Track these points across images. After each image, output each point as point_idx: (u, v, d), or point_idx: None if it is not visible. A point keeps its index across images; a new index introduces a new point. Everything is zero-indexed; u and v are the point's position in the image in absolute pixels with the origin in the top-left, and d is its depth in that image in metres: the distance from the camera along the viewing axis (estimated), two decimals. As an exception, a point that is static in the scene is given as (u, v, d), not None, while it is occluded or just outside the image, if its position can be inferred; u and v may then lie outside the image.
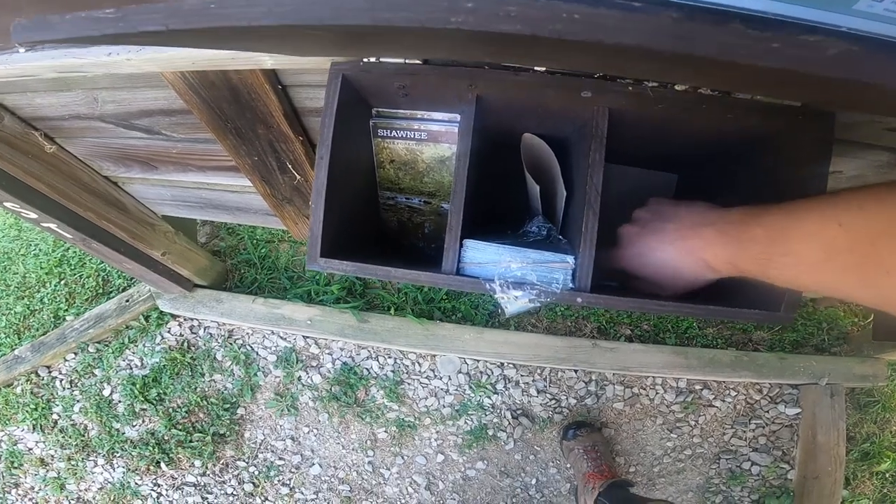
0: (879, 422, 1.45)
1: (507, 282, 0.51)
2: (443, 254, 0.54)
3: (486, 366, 1.47)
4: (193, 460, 1.51)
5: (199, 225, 1.61)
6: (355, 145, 0.67)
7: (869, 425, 1.44)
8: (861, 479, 1.42)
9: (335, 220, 0.58)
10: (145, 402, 1.53)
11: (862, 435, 1.44)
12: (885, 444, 1.43)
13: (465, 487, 1.44)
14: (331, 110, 0.55)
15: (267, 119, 0.76)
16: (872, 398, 1.45)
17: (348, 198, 0.64)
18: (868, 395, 1.45)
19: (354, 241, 0.66)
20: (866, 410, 1.44)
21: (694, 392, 1.44)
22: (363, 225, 0.73)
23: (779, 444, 1.42)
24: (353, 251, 0.59)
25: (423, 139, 0.65)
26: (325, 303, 1.48)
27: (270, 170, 0.89)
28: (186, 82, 0.70)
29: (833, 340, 1.47)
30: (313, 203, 0.55)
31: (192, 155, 0.95)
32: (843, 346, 1.46)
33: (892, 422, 1.45)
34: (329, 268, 0.56)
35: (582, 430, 1.37)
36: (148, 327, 1.57)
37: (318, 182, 0.55)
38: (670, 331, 1.47)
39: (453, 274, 0.55)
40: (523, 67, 0.52)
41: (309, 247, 0.55)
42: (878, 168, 0.72)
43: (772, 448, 1.42)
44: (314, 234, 0.55)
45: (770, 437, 1.42)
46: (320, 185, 0.55)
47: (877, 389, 1.44)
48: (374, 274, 0.54)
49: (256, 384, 1.53)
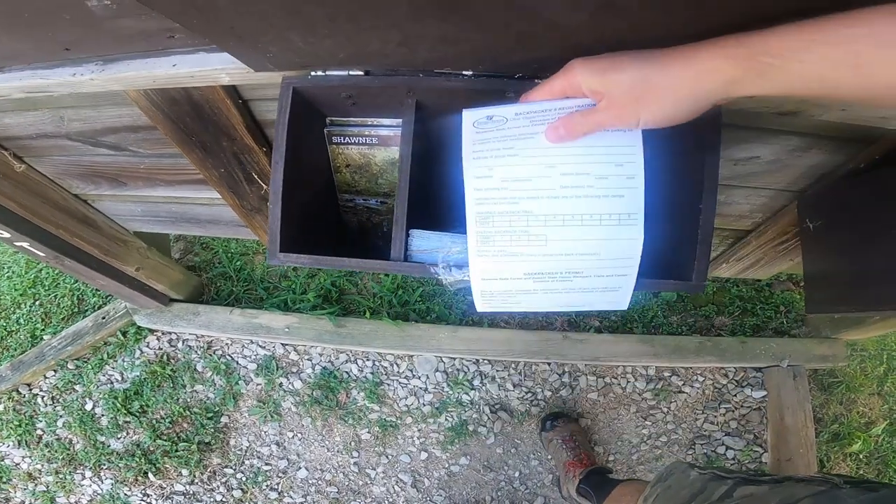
0: (845, 402, 1.50)
1: (448, 264, 0.55)
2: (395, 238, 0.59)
3: (462, 363, 1.51)
4: (181, 469, 1.52)
5: (173, 241, 1.63)
6: (312, 152, 0.71)
7: (835, 406, 1.50)
8: (835, 461, 1.46)
9: (293, 220, 0.62)
10: (128, 415, 1.54)
11: (830, 416, 1.49)
12: (853, 425, 1.48)
13: (451, 483, 1.48)
14: (283, 119, 0.59)
15: (230, 132, 0.79)
16: (836, 378, 1.51)
17: (307, 200, 0.68)
18: (831, 376, 1.51)
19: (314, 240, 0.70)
20: (831, 391, 1.50)
21: (663, 379, 1.49)
22: (324, 225, 0.77)
23: (749, 428, 1.47)
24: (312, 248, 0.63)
25: (374, 143, 0.70)
26: (301, 310, 1.51)
27: (238, 181, 0.92)
28: (149, 99, 0.73)
29: (791, 323, 1.54)
30: (271, 203, 0.59)
31: (159, 170, 0.97)
32: (802, 328, 1.53)
33: (857, 402, 1.50)
34: (288, 261, 0.60)
35: (559, 421, 1.41)
36: (126, 342, 1.58)
37: (274, 184, 0.59)
38: (637, 320, 1.53)
39: (401, 260, 0.59)
40: (454, 73, 0.57)
41: (269, 243, 0.59)
42: (792, 151, 0.78)
43: (743, 431, 1.47)
44: (273, 231, 0.59)
45: (740, 421, 1.48)
46: (277, 187, 0.59)
47: (838, 370, 1.50)
48: (329, 264, 0.58)
49: (238, 392, 1.55)
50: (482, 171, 0.52)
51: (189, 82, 0.63)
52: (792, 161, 0.81)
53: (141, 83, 0.64)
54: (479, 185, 0.52)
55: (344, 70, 0.58)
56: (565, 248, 0.52)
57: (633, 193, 0.51)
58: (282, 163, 0.58)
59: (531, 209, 0.51)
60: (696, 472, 0.68)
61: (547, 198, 0.51)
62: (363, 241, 0.84)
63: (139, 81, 0.63)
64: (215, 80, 0.64)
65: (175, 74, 0.59)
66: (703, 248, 0.59)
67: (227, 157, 0.86)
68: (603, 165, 0.50)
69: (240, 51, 0.51)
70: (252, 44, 0.49)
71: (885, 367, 1.52)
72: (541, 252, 0.52)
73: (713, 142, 0.58)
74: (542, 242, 0.52)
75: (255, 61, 0.54)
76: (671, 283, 0.59)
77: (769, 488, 0.55)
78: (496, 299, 0.56)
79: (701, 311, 1.55)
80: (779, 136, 0.76)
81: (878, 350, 1.54)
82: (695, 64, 0.39)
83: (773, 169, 0.84)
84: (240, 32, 0.46)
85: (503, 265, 0.53)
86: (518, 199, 0.52)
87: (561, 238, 0.52)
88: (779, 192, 0.91)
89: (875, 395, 1.52)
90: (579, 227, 0.51)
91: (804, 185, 0.87)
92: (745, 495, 0.57)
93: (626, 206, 0.51)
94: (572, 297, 0.56)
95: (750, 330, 1.52)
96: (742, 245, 1.08)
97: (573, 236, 0.52)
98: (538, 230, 0.52)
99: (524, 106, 0.52)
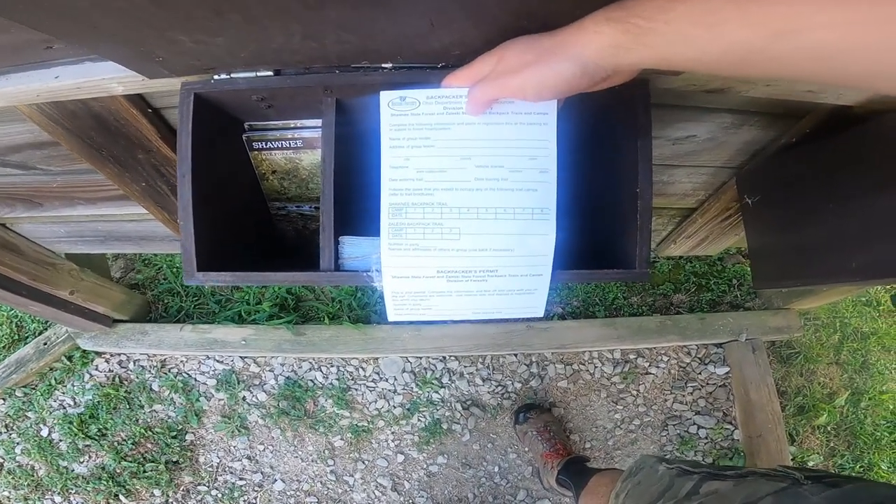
0: (805, 374, 1.54)
1: (381, 269, 0.52)
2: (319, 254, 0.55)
3: (428, 361, 1.49)
4: (152, 490, 1.47)
5: (111, 259, 1.55)
6: (231, 160, 0.66)
7: (796, 378, 1.54)
8: (804, 434, 1.49)
9: (211, 235, 0.58)
10: (87, 439, 1.48)
11: (792, 388, 1.52)
12: (816, 397, 1.51)
13: (431, 483, 1.46)
14: (186, 128, 0.54)
15: (144, 143, 0.74)
16: (793, 350, 1.54)
17: (227, 212, 0.64)
18: (788, 347, 1.54)
19: (240, 255, 0.65)
20: (790, 363, 1.53)
21: (629, 362, 1.50)
22: (254, 238, 0.73)
23: (718, 405, 1.49)
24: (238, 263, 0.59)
25: (299, 147, 0.66)
26: (257, 321, 1.46)
27: (162, 194, 0.87)
28: (45, 114, 0.67)
29: (745, 296, 1.57)
30: (181, 220, 0.54)
31: (75, 187, 0.91)
32: (756, 301, 1.56)
33: (817, 373, 1.54)
34: (209, 280, 0.56)
35: (532, 413, 1.41)
36: (73, 367, 1.50)
37: (183, 200, 0.54)
38: (598, 304, 1.53)
39: (331, 270, 0.56)
40: (372, 67, 0.54)
41: (184, 263, 0.55)
42: (726, 128, 0.78)
43: (712, 410, 1.49)
44: (187, 250, 0.55)
45: (708, 399, 1.50)
46: (185, 202, 0.54)
47: (794, 341, 1.53)
48: (252, 281, 0.55)
49: (200, 409, 1.49)
50: (398, 160, 0.51)
51: (77, 94, 0.58)
52: (727, 138, 0.82)
53: (24, 98, 0.58)
54: (394, 175, 0.51)
55: (251, 71, 0.54)
56: (479, 243, 0.51)
57: (546, 188, 0.50)
58: (188, 176, 0.53)
59: (446, 201, 0.50)
60: (664, 466, 0.68)
61: (462, 190, 0.50)
62: (302, 251, 0.80)
63: (21, 96, 0.58)
64: (107, 91, 0.59)
65: (59, 87, 0.54)
66: (643, 234, 0.57)
67: (145, 170, 0.81)
68: (517, 158, 0.50)
69: (123, 58, 0.47)
70: (134, 49, 0.44)
71: (840, 335, 1.57)
72: (454, 247, 0.51)
73: (644, 123, 0.56)
74: (456, 236, 0.51)
75: (146, 68, 0.49)
76: (614, 273, 0.58)
77: (733, 484, 0.55)
78: (408, 303, 0.54)
79: (659, 290, 1.57)
80: (712, 115, 0.77)
81: (831, 318, 1.59)
82: (581, 28, 0.39)
83: (711, 147, 0.84)
84: (115, 37, 0.42)
85: (415, 260, 0.51)
86: (433, 191, 0.51)
87: (475, 232, 0.51)
88: (718, 168, 0.92)
89: (833, 364, 1.56)
90: (493, 221, 0.50)
91: (741, 161, 0.88)
92: (710, 492, 0.57)
93: (539, 201, 0.51)
94: (488, 300, 0.54)
95: (707, 305, 1.55)
96: (689, 223, 1.09)
97: (487, 230, 0.51)
98: (452, 223, 0.51)
99: (436, 90, 0.51)
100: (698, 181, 0.96)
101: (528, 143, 0.50)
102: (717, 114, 0.76)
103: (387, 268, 0.52)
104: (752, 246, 0.84)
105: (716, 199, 0.99)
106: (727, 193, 0.96)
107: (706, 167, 0.92)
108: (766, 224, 0.81)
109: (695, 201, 1.03)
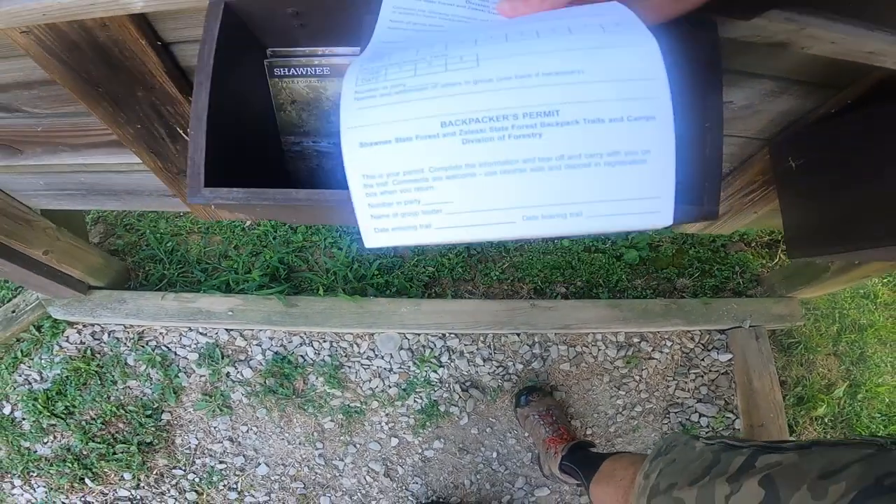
0: (805, 363, 1.53)
1: None
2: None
3: (427, 339, 1.42)
4: (122, 473, 1.37)
5: (90, 223, 1.43)
6: (247, 88, 0.59)
7: (797, 368, 1.53)
8: (803, 425, 1.48)
9: (221, 155, 0.50)
10: (53, 417, 1.36)
11: (793, 378, 1.51)
12: (816, 388, 1.50)
13: (426, 469, 1.39)
14: (211, 35, 0.47)
15: (147, 79, 0.66)
16: (793, 339, 1.53)
17: (239, 136, 0.56)
18: (789, 336, 1.53)
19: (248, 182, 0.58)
20: (791, 352, 1.52)
21: (633, 345, 1.47)
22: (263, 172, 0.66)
23: (720, 393, 1.47)
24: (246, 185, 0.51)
25: (326, 74, 0.59)
26: (246, 291, 1.37)
27: (158, 137, 0.78)
28: (43, 46, 0.59)
29: (747, 283, 1.56)
30: (192, 129, 0.46)
31: (61, 132, 0.82)
32: (758, 288, 1.55)
33: (816, 363, 1.54)
34: (216, 197, 0.46)
35: (534, 396, 1.35)
36: (42, 338, 1.38)
37: (197, 107, 0.47)
38: (602, 285, 1.49)
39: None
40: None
41: (189, 178, 0.46)
42: (765, 96, 0.75)
43: (714, 398, 1.46)
44: (195, 163, 0.46)
45: (710, 387, 1.47)
46: (200, 109, 0.47)
47: (796, 330, 1.52)
48: (272, 199, 0.44)
49: (179, 386, 1.39)
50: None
51: (90, 12, 0.50)
52: (764, 106, 0.79)
53: (27, 18, 0.51)
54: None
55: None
56: (515, 68, 0.27)
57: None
58: (207, 83, 0.46)
59: (454, 37, 0.31)
60: (703, 442, 0.63)
61: (481, 20, 0.33)
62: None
63: (24, 16, 0.50)
64: (124, 9, 0.52)
65: (70, 3, 0.47)
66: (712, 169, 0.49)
67: (143, 110, 0.72)
68: None
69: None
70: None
71: (838, 325, 1.58)
72: (469, 77, 0.28)
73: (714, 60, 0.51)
74: (472, 62, 0.28)
75: None
76: (681, 208, 0.50)
77: (798, 455, 0.49)
78: (394, 199, 0.29)
79: (663, 274, 1.54)
80: (753, 80, 0.73)
81: (830, 309, 1.59)
82: None
83: (745, 115, 0.81)
84: None
85: (399, 109, 0.28)
86: (438, 25, 0.33)
87: (504, 54, 0.28)
88: (748, 140, 0.89)
89: (832, 355, 1.56)
90: (534, 40, 0.28)
91: (772, 132, 0.85)
92: (770, 464, 0.50)
93: (611, 17, 0.29)
94: (548, 182, 0.27)
95: (710, 291, 1.53)
96: (709, 197, 1.06)
97: (526, 49, 0.28)
98: (464, 50, 0.29)
99: None
100: (726, 152, 0.93)
101: None
102: (759, 79, 0.73)
103: (349, 129, 0.29)
104: (790, 215, 0.81)
105: (741, 171, 0.96)
106: (754, 167, 0.93)
107: (737, 137, 0.89)
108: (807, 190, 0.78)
109: (720, 174, 1.00)
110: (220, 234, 1.51)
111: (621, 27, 0.28)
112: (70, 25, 0.57)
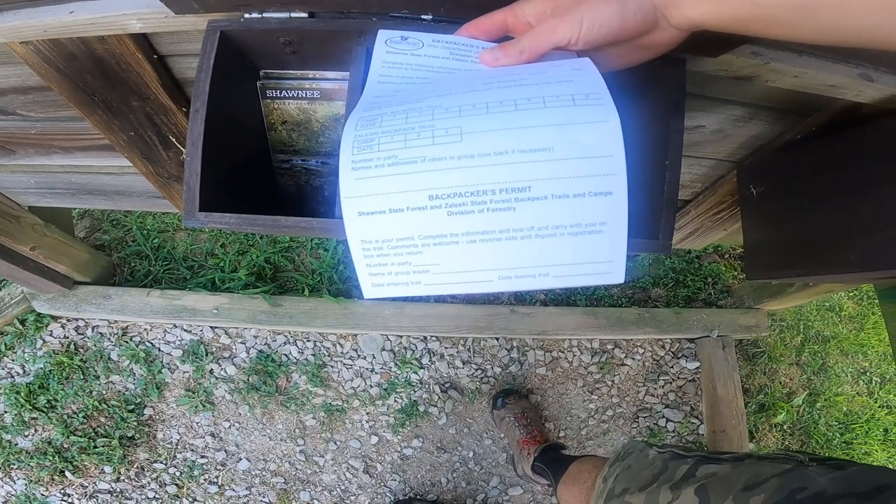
0: (768, 372, 1.60)
1: None
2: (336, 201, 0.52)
3: (409, 341, 1.46)
4: (102, 466, 1.38)
5: (77, 218, 1.44)
6: (241, 108, 0.62)
7: (759, 376, 1.59)
8: (763, 431, 1.55)
9: (216, 175, 0.53)
10: (34, 411, 1.37)
11: (755, 387, 1.58)
12: (776, 396, 1.57)
13: (405, 467, 1.43)
14: (207, 64, 0.50)
15: (142, 90, 0.69)
16: (759, 349, 1.60)
17: (234, 159, 0.59)
18: (754, 346, 1.60)
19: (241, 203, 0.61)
20: (755, 361, 1.59)
21: (607, 352, 1.53)
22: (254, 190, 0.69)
23: (686, 399, 1.53)
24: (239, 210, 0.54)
25: (315, 98, 0.62)
26: (232, 290, 1.39)
27: (151, 145, 0.81)
28: (41, 56, 0.61)
29: (719, 294, 1.62)
30: (188, 156, 0.50)
31: (54, 135, 0.84)
32: (728, 299, 1.62)
33: (779, 372, 1.61)
34: (210, 222, 0.50)
35: (510, 398, 1.40)
36: (25, 332, 1.39)
37: (193, 134, 0.50)
38: (580, 292, 1.55)
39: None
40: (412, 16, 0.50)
41: (185, 202, 0.50)
42: (735, 121, 0.79)
43: (681, 403, 1.53)
44: (190, 188, 0.50)
45: (678, 393, 1.54)
46: (196, 136, 0.50)
47: (761, 340, 1.59)
48: (262, 225, 0.49)
49: (162, 382, 1.41)
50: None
51: (89, 30, 0.53)
52: (734, 131, 0.83)
53: (28, 34, 0.53)
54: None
55: (285, 12, 0.50)
56: (494, 143, 0.31)
57: (588, 75, 0.35)
58: (203, 111, 0.49)
59: (441, 103, 0.34)
60: (655, 451, 0.67)
61: (464, 93, 0.34)
62: (303, 206, 0.76)
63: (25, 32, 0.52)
64: (123, 28, 0.54)
65: (72, 22, 0.49)
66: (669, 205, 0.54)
67: (137, 119, 0.75)
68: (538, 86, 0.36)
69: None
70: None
71: (802, 336, 1.65)
72: (454, 153, 0.31)
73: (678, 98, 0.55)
74: (456, 137, 0.32)
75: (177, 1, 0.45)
76: (635, 242, 0.53)
77: (731, 467, 0.54)
78: (388, 260, 0.34)
79: (638, 283, 1.60)
80: (724, 106, 0.77)
81: (796, 320, 1.66)
82: None
83: (716, 139, 0.85)
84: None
85: (392, 181, 0.32)
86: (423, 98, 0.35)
87: (485, 128, 0.32)
88: (719, 161, 0.93)
89: (794, 364, 1.64)
90: (513, 113, 0.32)
91: (742, 155, 0.90)
92: (708, 474, 0.55)
93: (581, 86, 0.33)
94: (521, 250, 0.33)
95: (683, 301, 1.59)
96: (681, 215, 1.11)
97: (504, 124, 0.32)
98: (449, 122, 0.32)
99: (448, 36, 0.42)
100: (698, 173, 0.98)
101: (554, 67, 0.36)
102: (730, 105, 0.77)
103: (348, 199, 0.33)
104: (749, 237, 0.85)
105: (712, 191, 1.01)
106: (724, 187, 0.98)
107: (708, 159, 0.93)
108: (767, 215, 0.82)
109: (690, 193, 1.05)
110: (207, 231, 1.52)
111: (590, 99, 0.33)
112: (69, 39, 0.59)
